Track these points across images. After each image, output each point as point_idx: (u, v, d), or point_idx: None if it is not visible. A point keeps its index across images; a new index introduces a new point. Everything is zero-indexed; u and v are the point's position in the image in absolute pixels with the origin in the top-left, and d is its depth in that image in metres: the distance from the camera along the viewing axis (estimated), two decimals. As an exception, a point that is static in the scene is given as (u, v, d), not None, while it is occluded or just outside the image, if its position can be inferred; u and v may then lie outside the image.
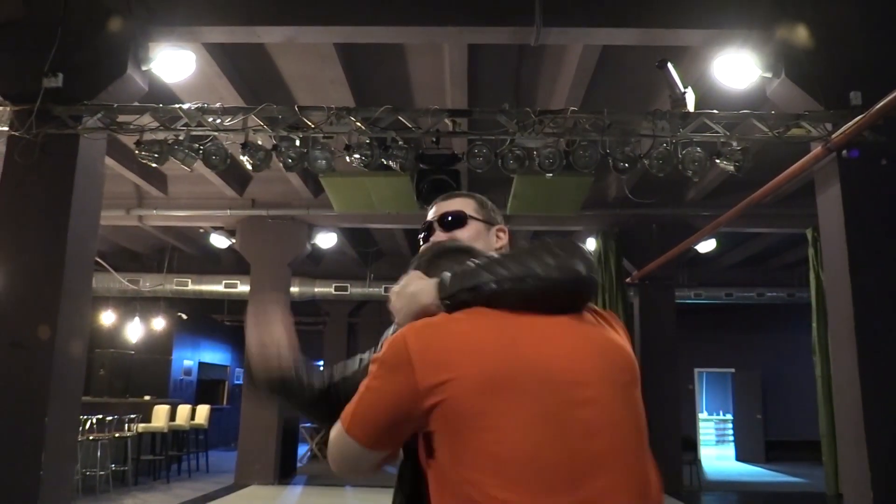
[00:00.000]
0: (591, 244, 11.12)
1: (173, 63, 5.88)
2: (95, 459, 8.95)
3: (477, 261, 1.35)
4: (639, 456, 1.24)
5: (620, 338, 1.36)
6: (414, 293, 1.37)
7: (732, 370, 16.92)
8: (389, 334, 1.51)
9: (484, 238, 1.71)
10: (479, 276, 1.30)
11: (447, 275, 1.35)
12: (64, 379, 5.37)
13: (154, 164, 5.76)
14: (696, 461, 11.60)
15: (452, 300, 1.31)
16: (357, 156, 5.52)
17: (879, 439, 5.11)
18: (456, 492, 1.16)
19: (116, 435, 9.57)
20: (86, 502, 8.40)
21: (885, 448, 5.09)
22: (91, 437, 8.96)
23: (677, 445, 10.57)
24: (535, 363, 1.19)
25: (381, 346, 1.41)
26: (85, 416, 8.79)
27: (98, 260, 6.39)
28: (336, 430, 1.31)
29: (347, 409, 1.30)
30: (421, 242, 1.74)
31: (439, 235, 1.73)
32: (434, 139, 5.63)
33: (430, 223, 1.75)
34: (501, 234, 1.75)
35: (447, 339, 1.23)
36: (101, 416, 9.33)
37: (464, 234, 1.69)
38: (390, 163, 5.57)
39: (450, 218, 1.73)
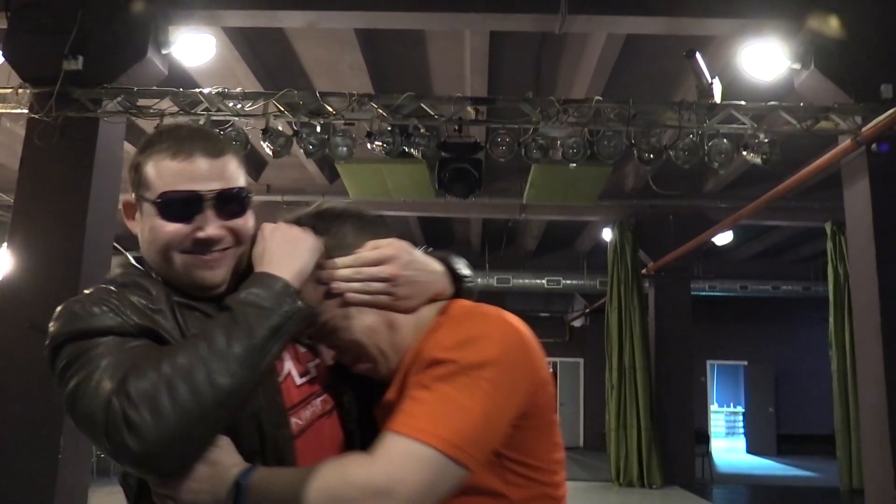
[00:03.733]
0: (607, 235, 11.05)
1: (193, 47, 5.83)
2: (110, 442, 8.98)
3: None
4: None
5: None
6: (433, 272, 1.23)
7: (745, 363, 16.83)
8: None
9: None
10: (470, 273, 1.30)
11: (459, 261, 1.31)
12: (82, 363, 5.36)
13: (174, 149, 5.72)
14: (708, 453, 11.56)
15: (465, 290, 1.27)
16: (379, 143, 5.47)
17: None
18: (527, 482, 1.13)
19: (130, 418, 9.61)
20: (100, 484, 8.43)
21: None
22: (105, 420, 9.00)
23: (690, 437, 10.55)
24: None
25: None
26: (100, 400, 8.81)
27: (114, 244, 6.39)
28: (416, 462, 0.96)
29: (442, 430, 0.98)
30: (165, 221, 1.14)
31: (212, 223, 1.15)
32: (456, 127, 5.57)
33: (200, 196, 1.14)
34: None
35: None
36: (115, 400, 9.35)
37: (248, 225, 1.20)
38: (412, 150, 5.52)
39: (235, 200, 1.18)
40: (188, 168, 1.14)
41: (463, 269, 1.28)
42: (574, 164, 5.54)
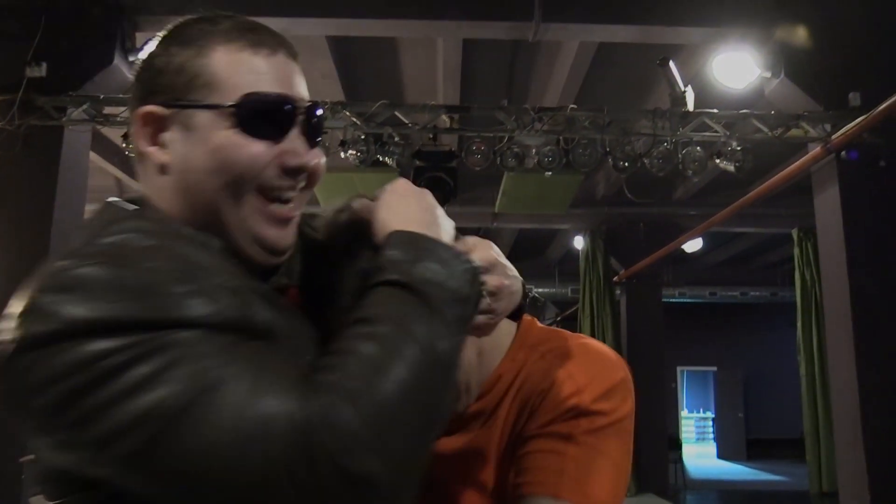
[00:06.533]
0: (578, 243, 11.09)
1: (161, 54, 5.71)
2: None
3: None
4: None
5: None
6: (518, 278, 0.99)
7: (714, 368, 17.01)
8: None
9: None
10: None
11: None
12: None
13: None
14: (679, 460, 11.63)
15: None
16: (353, 152, 5.40)
17: (877, 440, 5.10)
18: None
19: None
20: (64, 504, 8.21)
21: (882, 449, 5.08)
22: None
23: (664, 444, 10.57)
24: None
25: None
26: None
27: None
28: None
29: (601, 493, 0.94)
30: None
31: (302, 146, 0.84)
32: (431, 136, 5.53)
33: (294, 106, 0.83)
34: None
35: None
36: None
37: (324, 160, 0.90)
38: (386, 159, 5.46)
39: (320, 121, 0.88)
40: (276, 66, 0.82)
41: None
42: (549, 173, 5.52)
